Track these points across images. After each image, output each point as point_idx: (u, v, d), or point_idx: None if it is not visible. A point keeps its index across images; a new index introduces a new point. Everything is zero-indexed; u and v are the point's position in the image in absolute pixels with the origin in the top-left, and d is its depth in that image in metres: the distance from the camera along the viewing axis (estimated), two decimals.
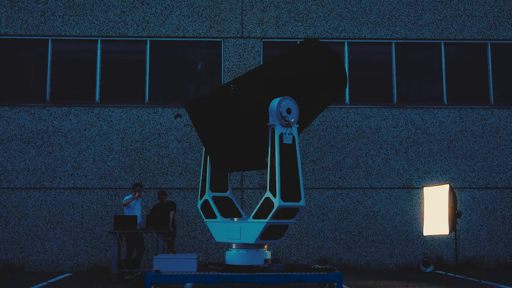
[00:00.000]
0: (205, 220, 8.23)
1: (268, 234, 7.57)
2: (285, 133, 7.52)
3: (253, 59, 11.96)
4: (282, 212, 7.45)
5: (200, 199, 8.21)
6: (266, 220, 7.35)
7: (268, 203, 7.41)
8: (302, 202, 7.51)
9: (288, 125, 7.51)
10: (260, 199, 11.84)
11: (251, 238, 7.51)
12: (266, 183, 7.56)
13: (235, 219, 8.05)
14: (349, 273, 10.76)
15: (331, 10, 12.24)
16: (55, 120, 11.75)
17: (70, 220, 11.50)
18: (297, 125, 7.70)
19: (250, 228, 7.55)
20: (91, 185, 11.60)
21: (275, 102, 7.53)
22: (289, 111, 7.55)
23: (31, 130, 11.69)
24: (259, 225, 7.43)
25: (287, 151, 7.53)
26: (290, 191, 7.44)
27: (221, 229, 7.97)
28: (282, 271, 7.42)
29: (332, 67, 8.45)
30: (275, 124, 7.46)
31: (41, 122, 11.73)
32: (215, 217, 8.08)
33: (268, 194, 7.43)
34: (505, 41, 12.34)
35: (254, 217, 7.54)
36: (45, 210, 11.50)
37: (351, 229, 11.71)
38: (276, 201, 7.29)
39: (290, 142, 7.55)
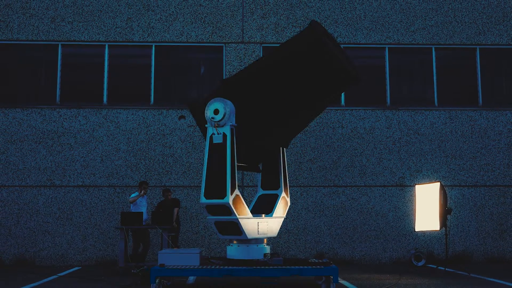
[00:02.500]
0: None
1: (226, 229, 7.62)
2: (213, 134, 7.51)
3: None
4: (214, 209, 7.47)
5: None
6: (207, 217, 7.55)
7: None
8: (225, 199, 7.29)
9: (216, 125, 7.47)
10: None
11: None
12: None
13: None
14: (345, 267, 10.77)
15: (328, 16, 12.25)
16: (64, 121, 11.76)
17: (79, 216, 11.50)
18: (230, 124, 7.49)
19: None
20: (99, 183, 11.60)
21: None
22: (216, 111, 7.49)
23: (42, 131, 11.70)
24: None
25: (217, 150, 7.49)
26: (215, 189, 7.38)
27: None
28: (280, 265, 7.41)
29: (315, 51, 7.27)
30: (207, 126, 7.58)
31: (51, 123, 11.73)
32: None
33: None
34: (493, 46, 12.35)
35: None
36: (55, 207, 11.51)
37: (346, 225, 11.72)
38: (201, 199, 7.47)
39: (220, 142, 7.48)
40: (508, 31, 12.35)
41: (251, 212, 8.13)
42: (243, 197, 11.76)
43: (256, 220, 7.71)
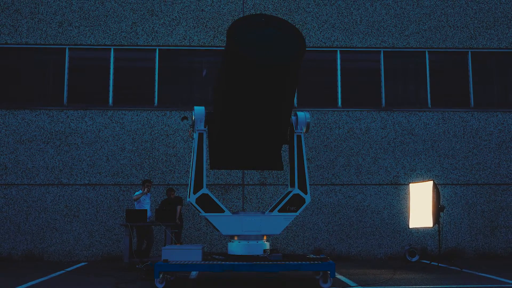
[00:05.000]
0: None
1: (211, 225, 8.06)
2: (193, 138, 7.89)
3: None
4: (193, 207, 7.99)
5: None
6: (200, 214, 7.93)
7: None
8: (189, 199, 7.72)
9: (191, 131, 7.92)
10: (259, 195, 11.89)
11: None
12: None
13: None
14: (341, 262, 10.78)
15: (325, 21, 12.26)
16: (72, 122, 11.77)
17: (85, 213, 11.52)
18: (197, 129, 7.79)
19: None
20: (104, 181, 11.62)
21: None
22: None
23: (50, 131, 11.71)
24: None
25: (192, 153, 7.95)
26: (189, 189, 7.82)
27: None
28: (279, 261, 7.43)
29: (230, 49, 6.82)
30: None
31: (59, 124, 11.75)
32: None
33: None
34: (484, 49, 12.36)
35: None
36: (62, 205, 11.52)
37: (343, 222, 11.73)
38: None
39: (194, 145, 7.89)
40: (498, 35, 12.36)
41: (271, 209, 8.14)
42: (243, 196, 11.80)
43: (237, 217, 7.75)
